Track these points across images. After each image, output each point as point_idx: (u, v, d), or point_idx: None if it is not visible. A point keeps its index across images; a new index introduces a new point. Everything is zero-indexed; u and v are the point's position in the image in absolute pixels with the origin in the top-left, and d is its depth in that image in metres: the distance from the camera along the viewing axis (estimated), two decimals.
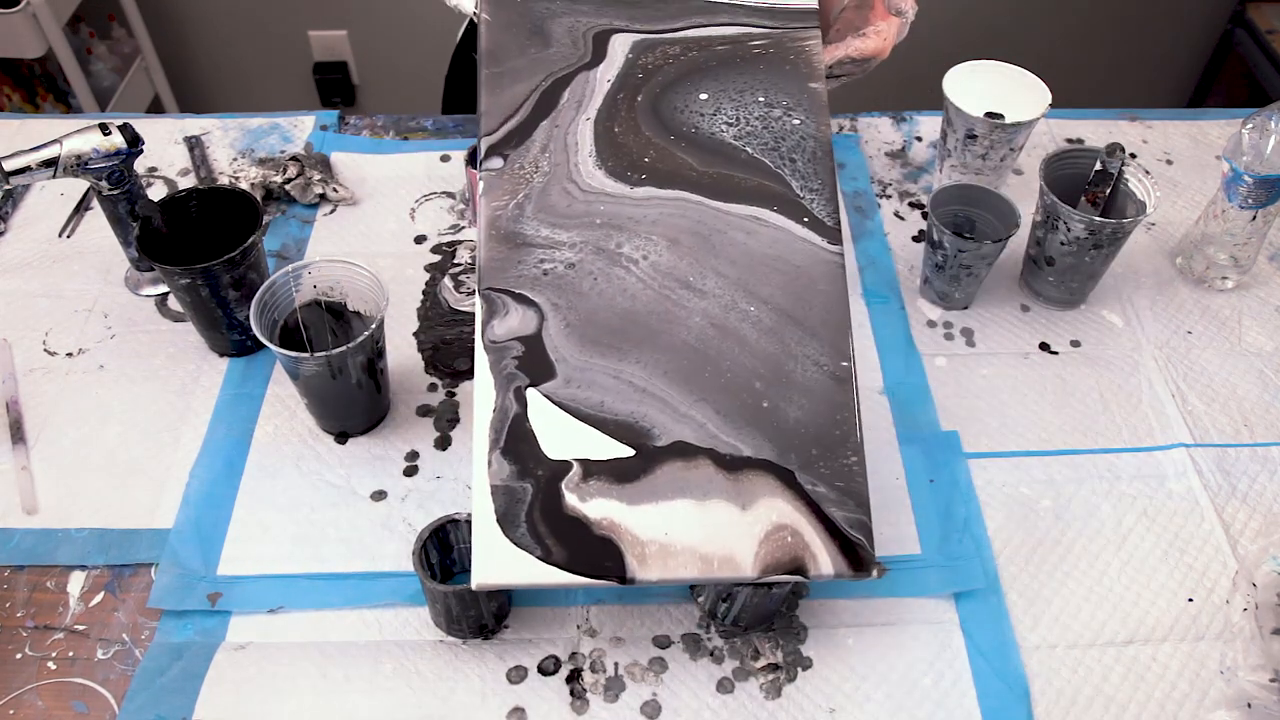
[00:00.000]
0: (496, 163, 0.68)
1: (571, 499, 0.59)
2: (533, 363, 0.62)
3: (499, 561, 0.57)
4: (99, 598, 0.69)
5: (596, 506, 0.59)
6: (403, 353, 0.83)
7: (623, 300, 0.64)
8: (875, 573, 0.59)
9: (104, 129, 0.78)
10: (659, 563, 0.58)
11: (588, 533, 0.58)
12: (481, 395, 0.61)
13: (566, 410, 0.61)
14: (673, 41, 0.70)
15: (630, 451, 0.60)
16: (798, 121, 0.69)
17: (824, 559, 0.59)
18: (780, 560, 0.59)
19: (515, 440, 0.60)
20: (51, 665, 0.65)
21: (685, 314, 0.64)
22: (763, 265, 0.65)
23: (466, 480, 0.75)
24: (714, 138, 0.68)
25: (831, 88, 0.81)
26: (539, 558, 0.57)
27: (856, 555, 0.59)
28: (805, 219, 0.66)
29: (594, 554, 0.58)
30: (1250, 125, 0.82)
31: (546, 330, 0.63)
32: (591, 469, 0.60)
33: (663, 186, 0.66)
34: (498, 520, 0.58)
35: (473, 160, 0.85)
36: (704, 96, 0.69)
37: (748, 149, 0.68)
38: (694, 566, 0.58)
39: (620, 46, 0.70)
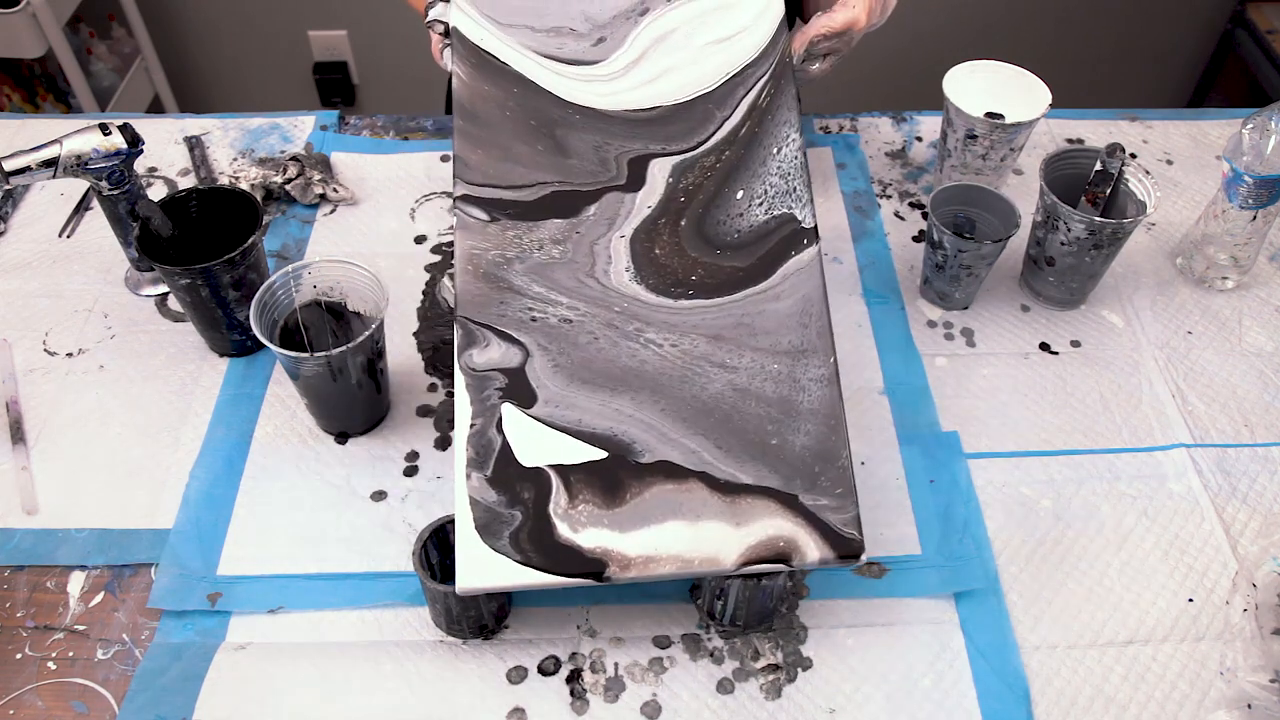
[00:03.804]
0: (480, 214, 0.67)
1: (563, 528, 0.60)
2: (514, 390, 0.63)
3: (482, 566, 0.58)
4: (99, 598, 0.69)
5: (589, 536, 0.59)
6: (403, 353, 0.83)
7: (629, 361, 0.63)
8: (864, 559, 0.59)
9: (104, 129, 0.78)
10: (640, 567, 0.59)
11: (577, 554, 0.59)
12: (461, 409, 0.62)
13: (542, 423, 0.62)
14: (707, 153, 0.70)
15: (602, 454, 0.61)
16: (792, 143, 0.70)
17: (811, 551, 0.59)
18: (764, 556, 0.59)
19: (504, 465, 0.61)
20: (51, 665, 0.65)
21: (706, 380, 0.63)
22: (787, 318, 0.65)
23: None
24: (752, 229, 0.68)
25: (824, 69, 0.80)
26: (520, 562, 0.58)
27: (846, 544, 0.59)
28: (805, 240, 0.67)
29: (577, 562, 0.59)
30: (1250, 125, 0.82)
31: (531, 365, 0.63)
32: (573, 485, 0.60)
33: (711, 296, 0.66)
34: (479, 529, 0.59)
35: None
36: (740, 195, 0.68)
37: (772, 211, 0.68)
38: (673, 565, 0.59)
39: (660, 172, 0.69)
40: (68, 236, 0.93)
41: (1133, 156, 1.03)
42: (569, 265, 0.66)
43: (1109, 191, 0.84)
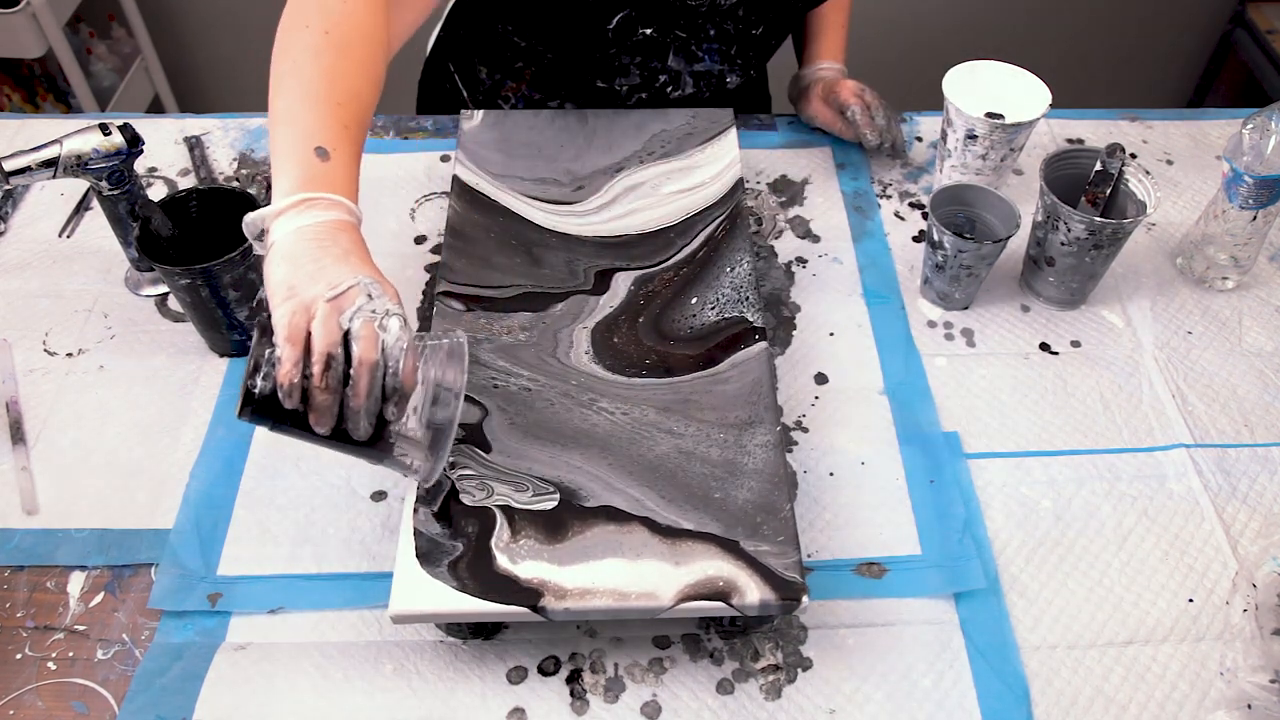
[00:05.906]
0: (457, 305, 0.74)
1: (502, 560, 0.61)
2: (471, 442, 0.66)
3: (417, 590, 0.59)
4: (99, 598, 0.69)
5: (527, 568, 0.61)
6: None
7: (581, 424, 0.68)
8: (805, 603, 0.60)
9: (104, 129, 0.78)
10: (576, 598, 0.60)
11: (513, 584, 0.60)
12: None
13: (493, 468, 0.65)
14: (666, 269, 0.79)
15: (551, 504, 0.63)
16: (745, 264, 0.79)
17: (751, 592, 0.60)
18: (702, 594, 0.60)
19: (449, 505, 0.63)
20: (51, 665, 0.65)
21: (653, 442, 0.67)
22: (735, 397, 0.70)
23: None
24: (704, 326, 0.75)
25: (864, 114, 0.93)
26: (455, 589, 0.59)
27: (788, 586, 0.60)
28: (755, 336, 0.72)
29: (512, 591, 0.60)
30: (1250, 125, 0.82)
31: (489, 423, 0.67)
32: (517, 523, 0.62)
33: (662, 377, 0.71)
34: (419, 556, 0.61)
35: None
36: (694, 300, 0.77)
37: (724, 315, 0.75)
38: (610, 598, 0.60)
39: (624, 281, 0.78)
40: (68, 236, 0.93)
41: (1133, 156, 1.03)
42: (533, 347, 0.72)
43: (1109, 191, 0.84)
